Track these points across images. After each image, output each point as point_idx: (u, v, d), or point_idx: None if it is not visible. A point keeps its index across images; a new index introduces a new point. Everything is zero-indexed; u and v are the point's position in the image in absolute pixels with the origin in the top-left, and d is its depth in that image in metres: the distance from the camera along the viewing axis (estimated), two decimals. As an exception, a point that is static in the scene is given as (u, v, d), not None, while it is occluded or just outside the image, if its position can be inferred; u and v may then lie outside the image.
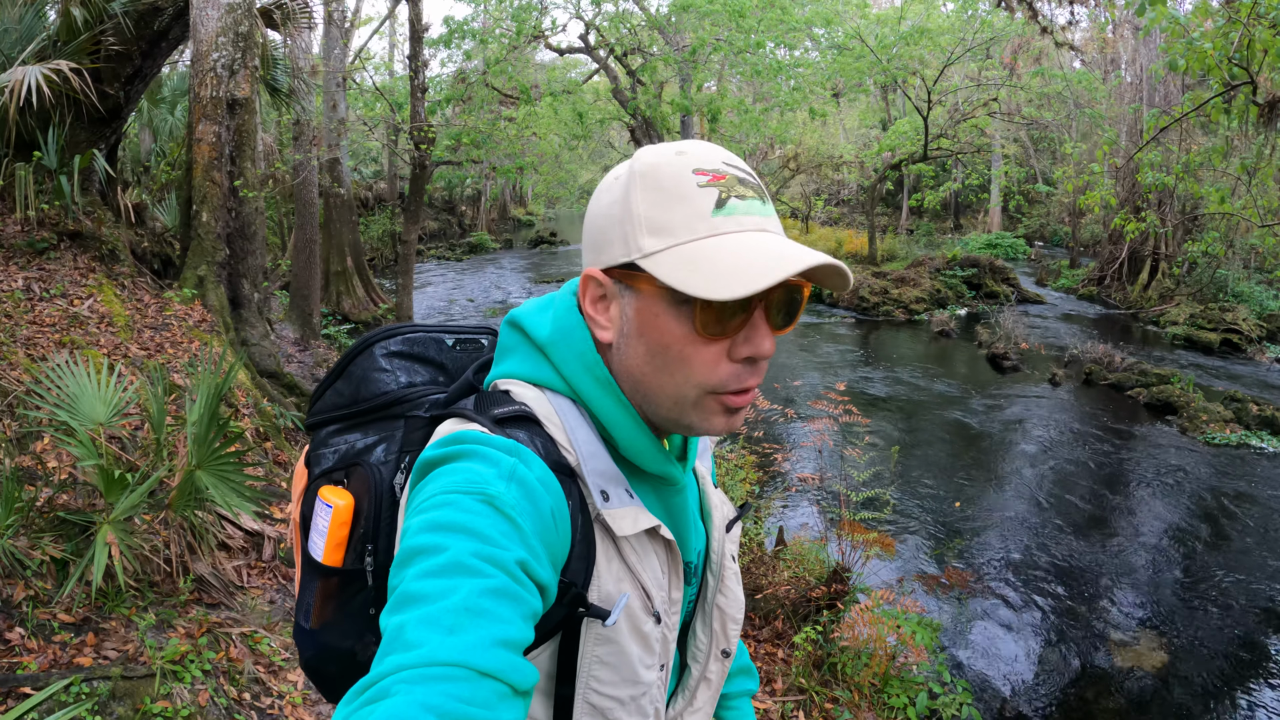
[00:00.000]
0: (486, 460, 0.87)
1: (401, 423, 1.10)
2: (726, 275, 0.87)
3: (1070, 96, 21.74)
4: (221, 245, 6.85)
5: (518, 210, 40.57)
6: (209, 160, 6.73)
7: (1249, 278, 19.44)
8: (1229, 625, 6.70)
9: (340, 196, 15.43)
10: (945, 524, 8.34)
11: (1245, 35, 5.51)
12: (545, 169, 23.17)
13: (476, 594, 0.73)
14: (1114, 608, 6.94)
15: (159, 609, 3.27)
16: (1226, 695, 5.75)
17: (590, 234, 0.99)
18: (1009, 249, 27.70)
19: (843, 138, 35.87)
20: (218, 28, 6.61)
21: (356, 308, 16.41)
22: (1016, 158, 29.64)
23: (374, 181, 26.90)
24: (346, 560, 1.03)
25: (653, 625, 0.99)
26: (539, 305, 1.06)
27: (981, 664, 6.00)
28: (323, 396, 1.16)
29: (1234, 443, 11.14)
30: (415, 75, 8.39)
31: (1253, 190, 8.48)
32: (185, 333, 5.89)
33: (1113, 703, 5.64)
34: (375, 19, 19.30)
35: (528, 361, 1.02)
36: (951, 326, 18.05)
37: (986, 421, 12.06)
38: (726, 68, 24.36)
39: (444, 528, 0.79)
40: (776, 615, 5.33)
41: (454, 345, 1.19)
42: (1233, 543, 8.24)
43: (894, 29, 19.70)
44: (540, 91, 18.40)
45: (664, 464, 1.01)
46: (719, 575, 1.15)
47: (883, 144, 23.74)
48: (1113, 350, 14.88)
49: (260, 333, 7.28)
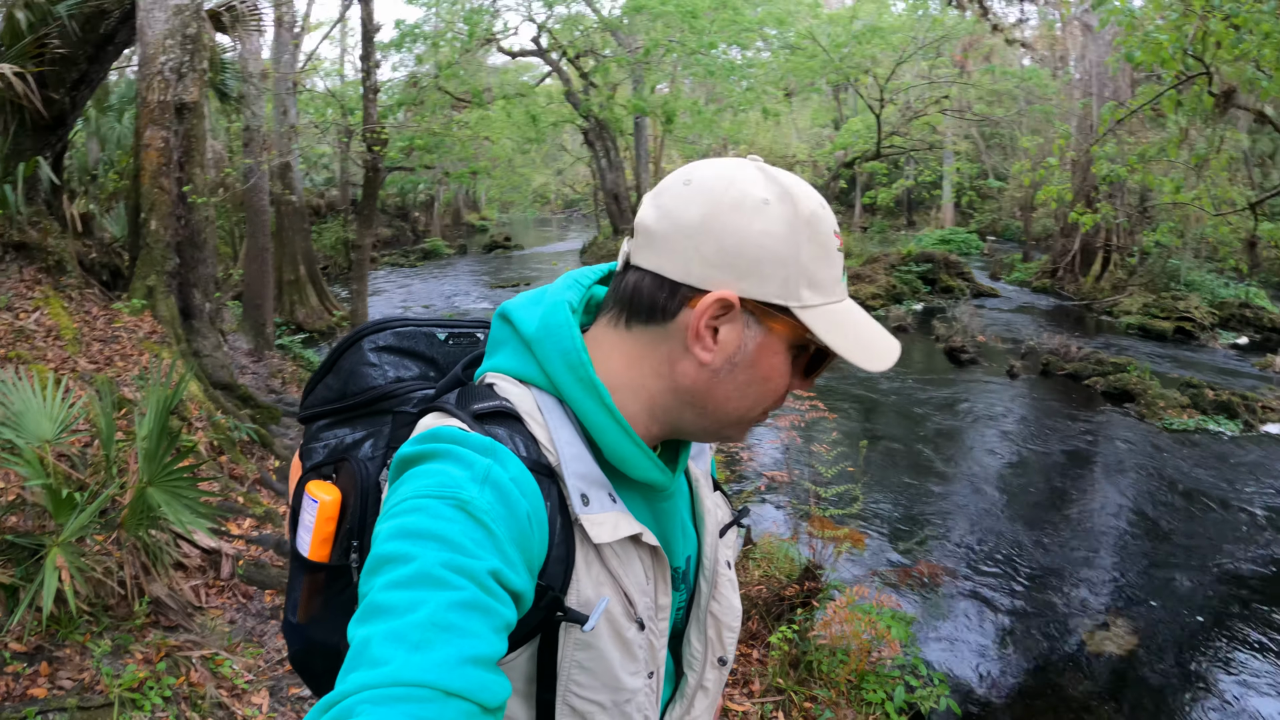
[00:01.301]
0: (460, 461, 0.85)
1: (390, 418, 1.08)
2: (875, 349, 0.95)
3: (1021, 93, 22.06)
4: (171, 254, 6.64)
5: (471, 215, 40.28)
6: (157, 166, 6.52)
7: (1200, 267, 19.86)
8: (1193, 605, 6.81)
9: (292, 204, 15.16)
10: (912, 517, 8.39)
11: (1200, 28, 5.59)
12: (499, 173, 23.08)
13: (445, 608, 0.72)
14: (1082, 592, 7.03)
15: (114, 634, 3.12)
16: (1193, 673, 5.86)
17: (726, 253, 0.92)
18: (962, 244, 28.03)
19: (795, 137, 36.12)
20: (165, 30, 6.41)
21: (311, 317, 16.13)
22: (968, 154, 30.04)
23: (326, 189, 26.50)
24: (333, 556, 1.02)
25: (636, 631, 0.97)
26: (531, 299, 1.03)
27: (954, 654, 6.02)
28: (314, 390, 1.14)
29: (1191, 428, 11.35)
30: (367, 76, 8.24)
31: (1205, 181, 8.64)
32: (135, 345, 5.70)
33: (1085, 686, 5.70)
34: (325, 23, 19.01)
35: (516, 356, 1.00)
36: (909, 322, 18.19)
37: (947, 414, 12.16)
38: (680, 69, 24.45)
39: (414, 535, 0.77)
40: (750, 616, 5.29)
41: (446, 339, 1.16)
42: (1194, 525, 8.40)
43: (846, 29, 19.84)
44: (493, 95, 18.25)
45: (650, 471, 0.99)
46: (712, 582, 1.12)
47: (836, 143, 23.94)
48: (1068, 341, 15.10)
49: (213, 343, 7.09)
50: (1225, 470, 9.89)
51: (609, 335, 0.99)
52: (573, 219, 46.66)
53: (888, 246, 26.69)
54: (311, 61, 18.21)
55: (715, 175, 0.94)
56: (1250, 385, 13.40)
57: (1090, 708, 5.47)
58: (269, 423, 7.02)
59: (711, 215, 0.91)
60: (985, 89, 21.37)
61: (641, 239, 0.95)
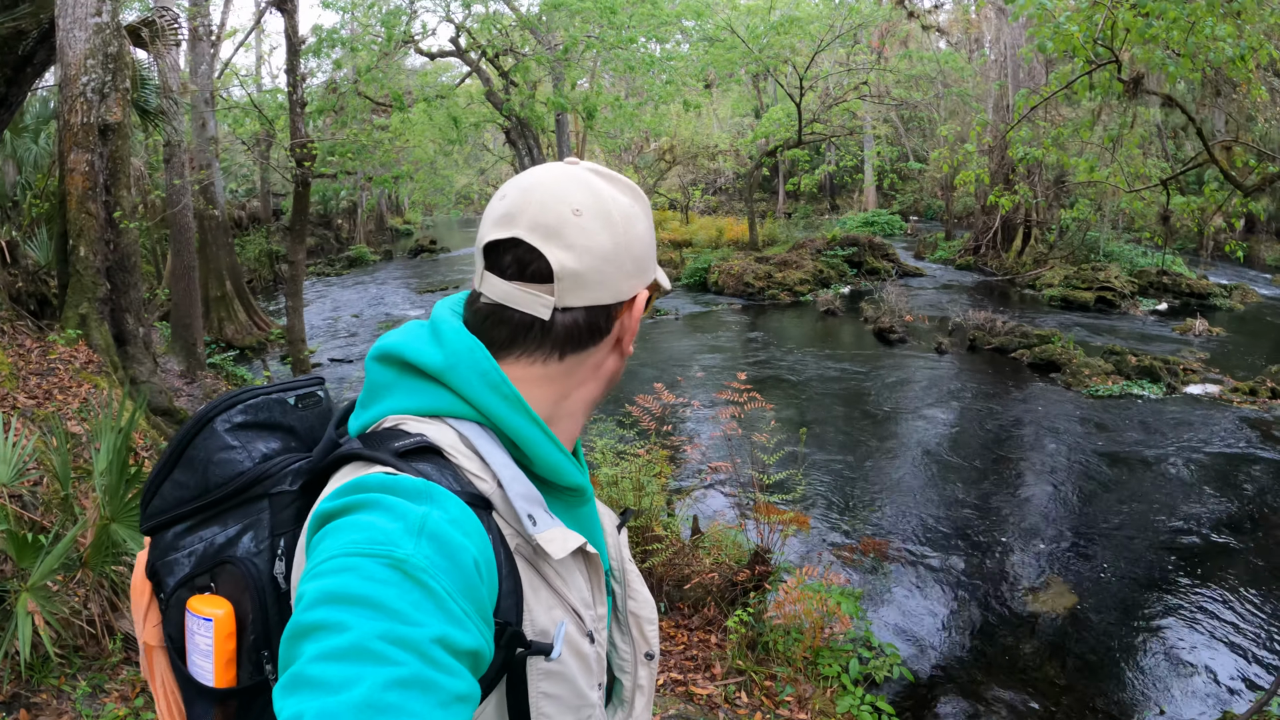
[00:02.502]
0: (391, 512, 0.78)
1: (266, 503, 0.96)
2: None
3: (939, 77, 22.59)
4: (102, 280, 6.50)
5: (395, 220, 39.69)
6: (83, 191, 6.36)
7: (1118, 237, 20.59)
8: (1126, 561, 7.17)
9: (215, 218, 14.83)
10: (853, 496, 8.61)
11: (1110, 17, 5.85)
12: (421, 176, 22.80)
13: (381, 687, 0.66)
14: (1022, 556, 7.33)
15: (89, 674, 3.10)
16: (1132, 626, 6.17)
17: (638, 261, 0.99)
18: (885, 225, 28.63)
19: (716, 127, 36.34)
20: (86, 49, 6.23)
21: (240, 333, 15.81)
22: (888, 138, 30.64)
23: (247, 200, 25.93)
24: (242, 677, 0.91)
25: (589, 645, 0.95)
26: (413, 334, 0.97)
27: (904, 624, 6.26)
28: (158, 491, 1.00)
29: (1116, 393, 11.82)
30: (294, 90, 8.11)
31: (1119, 158, 9.03)
32: (73, 376, 5.58)
33: (1031, 645, 5.97)
34: (239, 31, 18.54)
35: (416, 394, 0.94)
36: (837, 305, 18.54)
37: (880, 394, 12.46)
38: (600, 64, 24.47)
39: (345, 600, 0.71)
40: (706, 603, 5.42)
41: (296, 404, 1.07)
42: (1123, 486, 8.81)
43: (764, 19, 20.06)
44: (414, 98, 18.05)
45: (578, 475, 0.99)
46: (623, 580, 1.12)
47: (758, 131, 24.21)
48: (993, 316, 15.57)
49: (149, 369, 6.96)
50: (1149, 432, 10.35)
51: (530, 372, 0.97)
52: (498, 218, 46.16)
53: (812, 231, 27.13)
54: (228, 71, 17.77)
55: (588, 195, 0.95)
56: (1172, 349, 14.01)
57: (1035, 665, 5.74)
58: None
59: (619, 237, 0.96)
60: (903, 74, 21.83)
61: (568, 283, 0.93)
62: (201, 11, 12.64)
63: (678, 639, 5.12)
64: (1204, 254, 19.92)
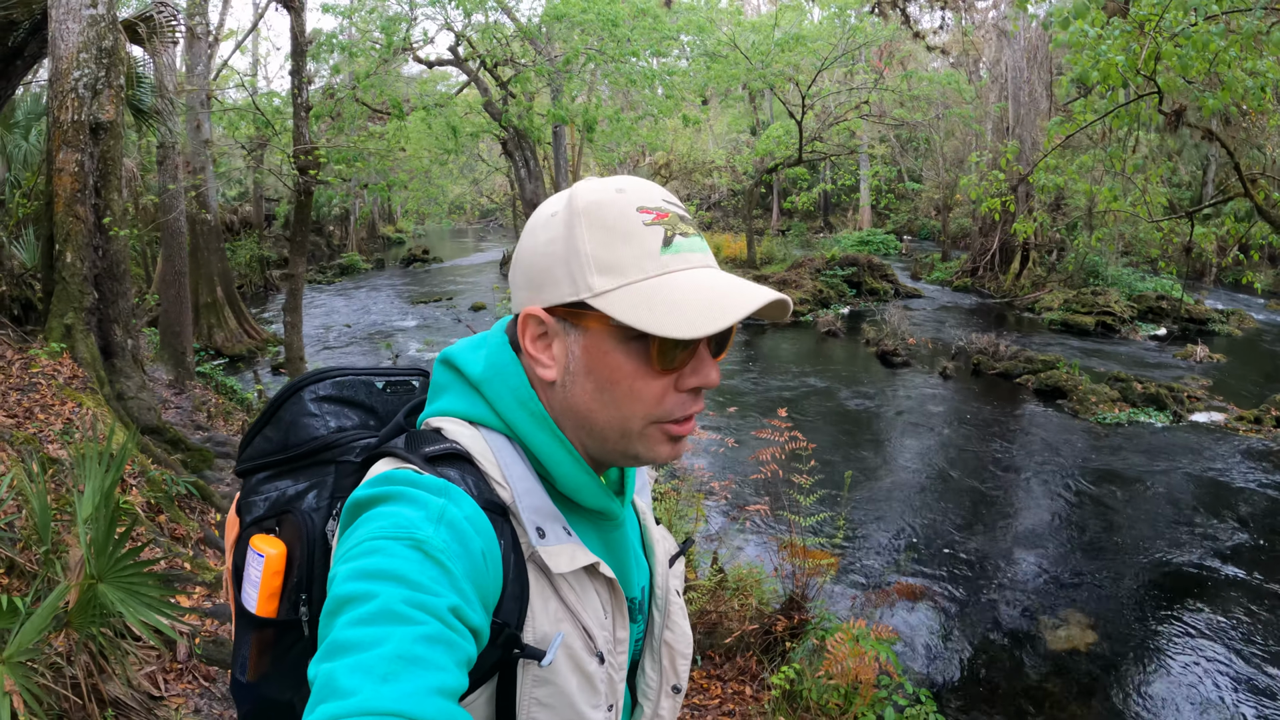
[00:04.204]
0: (415, 503, 0.85)
1: (333, 468, 1.07)
2: (690, 314, 0.89)
3: (939, 97, 22.46)
4: (89, 289, 6.06)
5: (387, 228, 39.38)
6: (71, 193, 5.92)
7: (1116, 261, 20.46)
8: (1149, 595, 7.11)
9: (207, 223, 14.42)
10: (873, 529, 8.37)
11: (1152, 48, 5.60)
12: (415, 185, 22.47)
13: (410, 641, 0.71)
14: (1042, 591, 7.21)
15: (73, 749, 2.70)
16: (1152, 663, 6.14)
17: (526, 272, 0.98)
18: (880, 245, 28.50)
19: (712, 143, 36.26)
20: (79, 43, 5.81)
21: (230, 341, 15.37)
22: (884, 157, 30.53)
23: (239, 204, 25.42)
24: (281, 611, 1.00)
25: (596, 665, 0.97)
26: (472, 343, 1.06)
27: (925, 663, 6.11)
28: (252, 442, 1.12)
29: (1124, 421, 11.67)
30: (299, 93, 7.76)
31: (1139, 184, 8.80)
32: (56, 393, 5.15)
33: (1056, 684, 5.86)
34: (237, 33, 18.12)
35: (462, 399, 1.01)
36: (838, 326, 18.28)
37: (888, 420, 12.21)
38: (598, 77, 24.20)
39: (373, 575, 0.77)
40: (739, 652, 5.07)
41: (384, 388, 1.17)
42: (1140, 516, 8.71)
43: (768, 36, 19.89)
44: (412, 106, 17.72)
45: (602, 499, 1.00)
46: (665, 611, 1.13)
47: (758, 149, 24.00)
48: (996, 340, 15.35)
49: (137, 384, 6.55)
50: (1161, 459, 10.22)
51: None
52: (489, 229, 46.09)
53: (809, 250, 26.96)
54: (225, 72, 17.38)
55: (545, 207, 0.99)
56: (1174, 375, 13.86)
57: (1062, 704, 5.64)
58: (202, 467, 6.51)
59: (520, 247, 0.99)
60: (904, 94, 21.70)
61: None
62: (200, 10, 12.25)
63: (711, 691, 4.77)
64: (1207, 280, 19.78)
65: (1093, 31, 5.92)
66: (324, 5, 15.23)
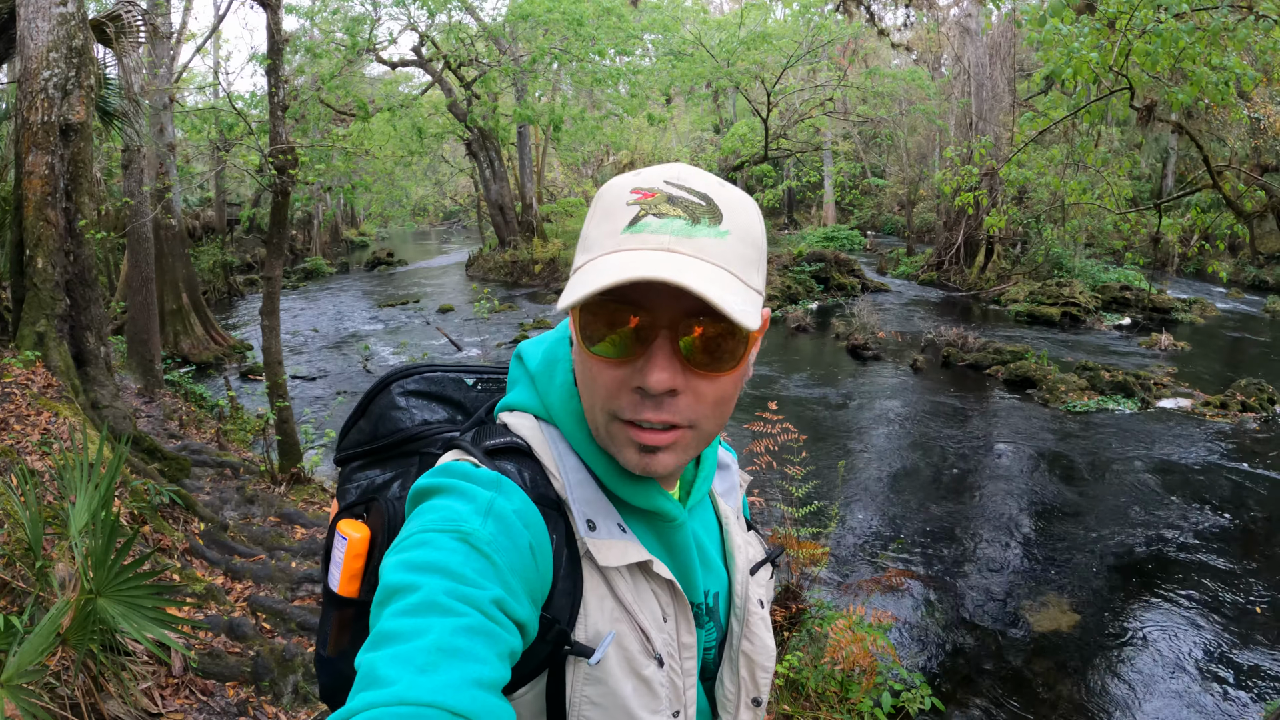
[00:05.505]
0: (464, 496, 0.86)
1: (417, 459, 1.09)
2: (573, 288, 0.85)
3: (902, 94, 22.64)
4: (61, 295, 5.90)
5: (350, 231, 38.98)
6: (42, 196, 5.75)
7: (1079, 253, 20.78)
8: (1126, 576, 7.33)
9: (172, 228, 14.14)
10: (856, 518, 8.43)
11: (1125, 44, 5.68)
12: (379, 187, 22.25)
13: (451, 632, 0.72)
14: (1021, 574, 7.39)
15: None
16: (1130, 641, 6.32)
17: None
18: (845, 240, 28.69)
19: (676, 142, 36.27)
20: (49, 42, 5.65)
21: (196, 348, 15.11)
22: (848, 154, 30.74)
23: (201, 209, 24.99)
24: (361, 592, 1.02)
25: (654, 669, 0.95)
26: (541, 337, 1.07)
27: (916, 650, 6.23)
28: (348, 434, 1.16)
29: (1093, 409, 11.90)
30: (275, 91, 7.63)
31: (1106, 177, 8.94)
32: (31, 403, 5.02)
33: (1041, 664, 6.02)
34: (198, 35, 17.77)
35: (525, 393, 1.03)
36: (807, 322, 18.38)
37: (862, 413, 12.30)
38: (562, 76, 24.14)
39: (419, 567, 0.78)
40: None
41: (474, 385, 1.18)
42: (1113, 500, 8.91)
43: (733, 34, 19.93)
44: (377, 107, 17.54)
45: (650, 498, 0.97)
46: (744, 620, 1.10)
47: (724, 147, 24.04)
48: (965, 332, 15.53)
49: (111, 392, 6.40)
50: (1131, 446, 10.49)
51: None
52: (452, 231, 45.77)
53: (776, 247, 27.05)
54: (185, 76, 17.07)
55: None
56: (1140, 363, 14.14)
57: (1048, 684, 5.80)
58: (180, 475, 6.38)
59: None
60: (868, 91, 21.85)
61: None
62: (161, 10, 12.01)
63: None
64: (1169, 270, 20.14)
65: (1065, 29, 5.99)
66: (287, 6, 15.01)
